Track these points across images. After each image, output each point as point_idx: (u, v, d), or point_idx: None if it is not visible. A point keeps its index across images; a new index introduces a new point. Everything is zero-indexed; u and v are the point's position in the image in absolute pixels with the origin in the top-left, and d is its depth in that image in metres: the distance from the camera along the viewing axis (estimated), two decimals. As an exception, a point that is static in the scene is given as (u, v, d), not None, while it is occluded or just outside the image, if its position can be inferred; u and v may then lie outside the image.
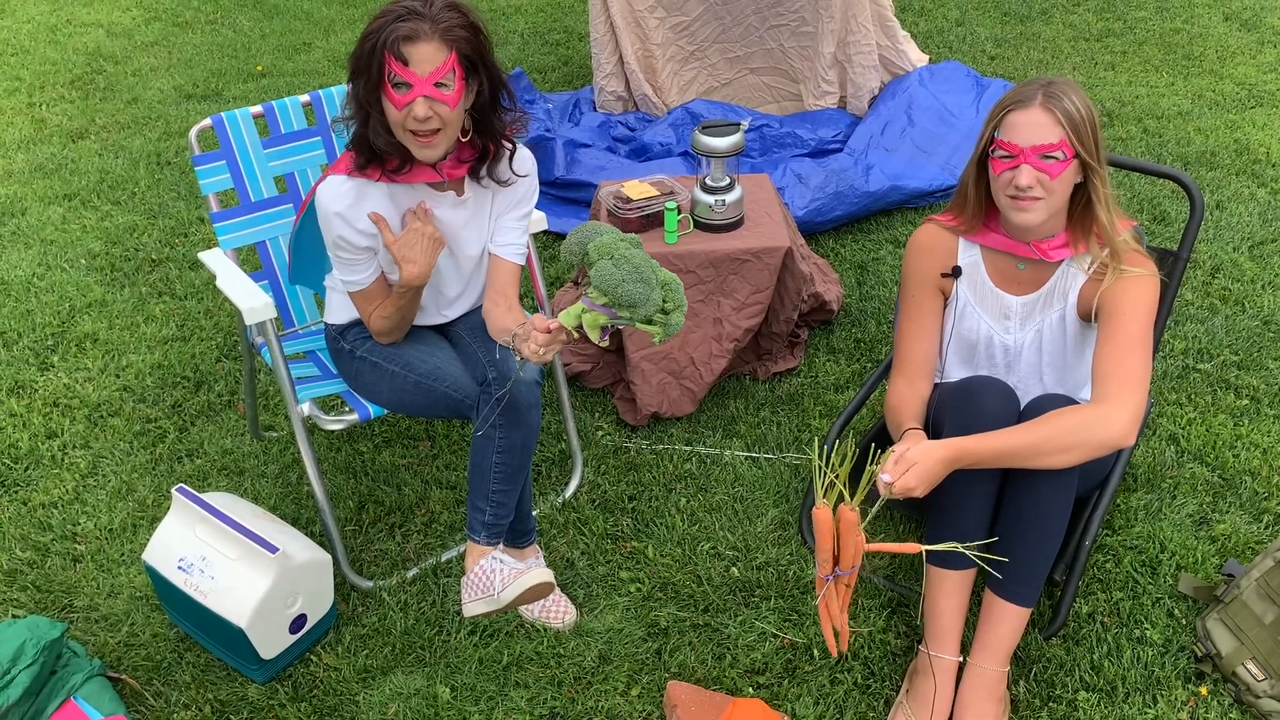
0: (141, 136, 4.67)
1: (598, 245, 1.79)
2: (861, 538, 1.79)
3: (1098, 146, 1.97)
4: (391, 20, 1.89)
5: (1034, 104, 1.95)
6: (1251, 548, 2.45)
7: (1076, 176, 2.00)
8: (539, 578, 2.11)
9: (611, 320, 1.80)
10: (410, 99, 1.90)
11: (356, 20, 6.02)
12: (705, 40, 4.36)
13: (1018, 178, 1.96)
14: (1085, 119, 1.95)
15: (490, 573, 2.15)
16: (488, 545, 2.20)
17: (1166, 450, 2.73)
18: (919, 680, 2.10)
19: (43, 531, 2.61)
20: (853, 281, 3.51)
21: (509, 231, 2.25)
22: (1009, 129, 1.97)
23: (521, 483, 2.20)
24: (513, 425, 2.11)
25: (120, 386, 3.11)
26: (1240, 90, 4.73)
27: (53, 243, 3.84)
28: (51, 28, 5.97)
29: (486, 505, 2.17)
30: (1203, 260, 3.52)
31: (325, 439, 2.90)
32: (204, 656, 2.27)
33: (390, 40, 1.87)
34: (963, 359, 2.30)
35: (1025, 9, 5.81)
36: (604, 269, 1.75)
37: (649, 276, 1.77)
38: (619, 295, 1.75)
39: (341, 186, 2.03)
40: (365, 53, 1.91)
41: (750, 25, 4.30)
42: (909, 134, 4.09)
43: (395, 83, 1.90)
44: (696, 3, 4.27)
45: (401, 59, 1.88)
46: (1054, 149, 1.94)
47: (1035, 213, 2.00)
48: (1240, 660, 2.10)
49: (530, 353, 1.88)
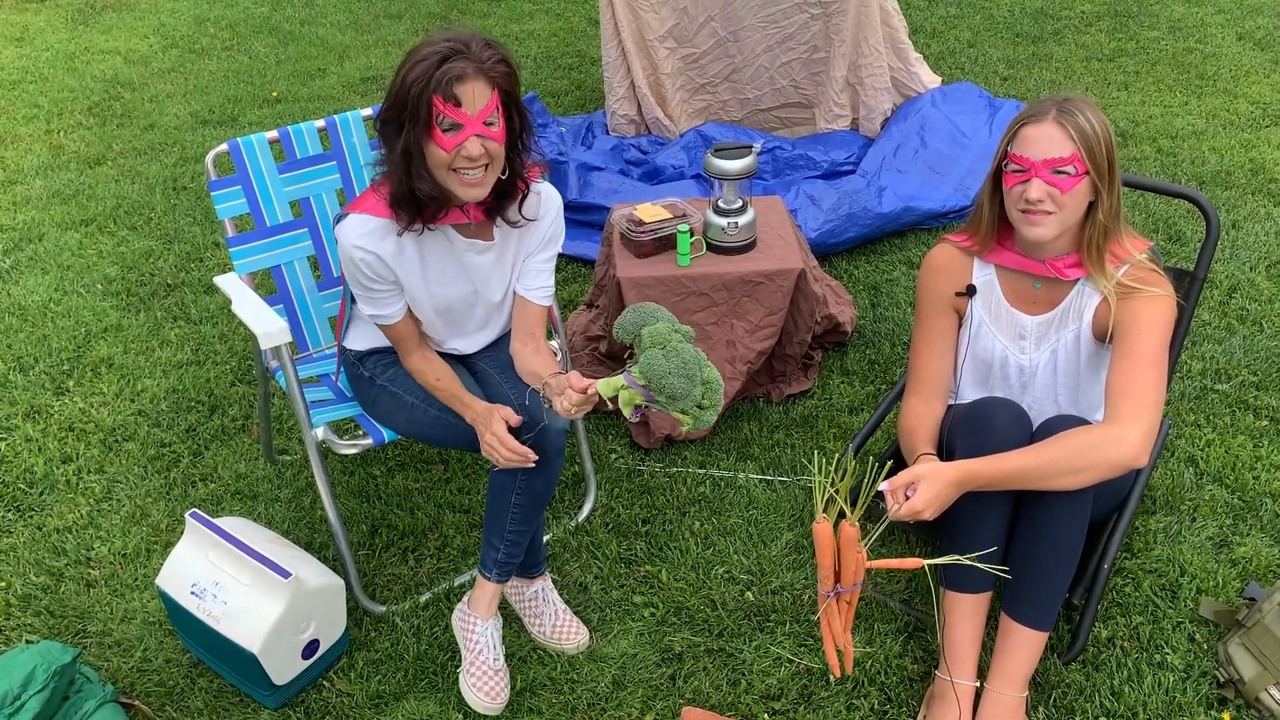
0: (158, 162, 4.71)
1: (652, 333, 1.82)
2: (863, 554, 1.78)
3: (1110, 165, 1.97)
4: (436, 63, 1.85)
5: (1047, 119, 1.95)
6: (1274, 570, 2.41)
7: (1089, 194, 1.99)
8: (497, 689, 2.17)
9: (646, 402, 1.82)
10: (461, 140, 1.88)
11: (370, 46, 6.07)
12: (715, 76, 4.37)
13: (1028, 191, 1.96)
14: (1099, 136, 1.94)
15: (482, 651, 2.20)
16: (498, 583, 2.21)
17: (1185, 472, 2.71)
18: (936, 706, 2.08)
19: (57, 556, 2.62)
20: (866, 303, 3.50)
21: (537, 275, 2.23)
22: (1022, 143, 1.97)
23: (537, 523, 2.20)
24: (537, 471, 2.09)
25: (135, 411, 3.12)
26: (1255, 109, 4.72)
27: (69, 268, 3.87)
28: (69, 55, 6.04)
29: (501, 544, 2.17)
30: (1219, 280, 3.50)
31: (339, 463, 2.90)
32: (217, 682, 2.26)
33: (442, 83, 1.85)
34: (978, 379, 2.28)
35: (1037, 30, 5.81)
36: (654, 358, 1.79)
37: (694, 374, 1.80)
38: (662, 386, 1.78)
39: (366, 224, 2.01)
40: (411, 98, 1.86)
41: (761, 66, 4.29)
42: (922, 155, 4.09)
43: (445, 126, 1.88)
44: (706, 35, 4.27)
45: (453, 100, 1.86)
46: (1065, 163, 1.93)
47: (1046, 227, 1.99)
48: (1263, 685, 2.07)
49: (562, 409, 1.89)
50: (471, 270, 2.17)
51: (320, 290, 2.55)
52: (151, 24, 6.55)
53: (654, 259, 2.88)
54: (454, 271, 2.15)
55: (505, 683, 2.19)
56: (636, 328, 1.86)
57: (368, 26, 6.43)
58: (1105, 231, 2.01)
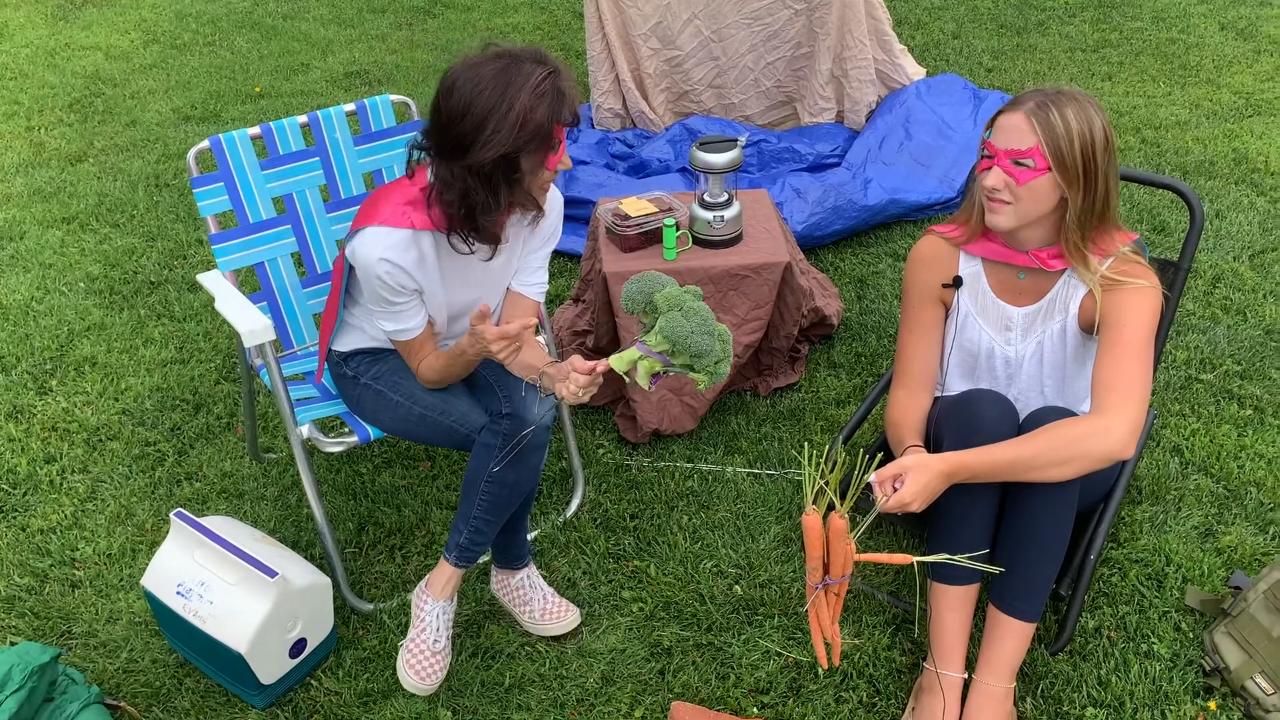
0: (140, 159, 4.68)
1: (666, 296, 1.83)
2: (851, 546, 1.78)
3: (1086, 166, 1.94)
4: (552, 95, 1.88)
5: (1020, 109, 1.95)
6: (1258, 559, 2.43)
7: (1055, 191, 1.98)
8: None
9: (665, 368, 1.82)
10: (562, 154, 1.97)
11: (353, 41, 6.04)
12: (699, 82, 4.33)
13: (986, 178, 1.98)
14: (1071, 135, 1.92)
15: (425, 630, 2.18)
16: (456, 566, 2.19)
17: (1171, 462, 2.72)
18: (925, 698, 2.08)
19: (41, 557, 2.60)
20: (852, 296, 3.50)
21: (534, 271, 2.26)
22: (994, 130, 1.99)
23: (507, 517, 2.17)
24: (510, 463, 2.08)
25: (119, 410, 3.10)
26: (1238, 99, 4.74)
27: (51, 266, 3.84)
28: (50, 51, 5.98)
29: (465, 527, 2.15)
30: (1203, 270, 3.51)
31: (325, 461, 2.89)
32: (203, 682, 2.25)
33: (562, 107, 1.90)
34: (964, 371, 2.29)
35: (1021, 21, 5.82)
36: (674, 320, 1.79)
37: (712, 328, 1.82)
38: (689, 345, 1.79)
39: (391, 237, 1.98)
40: (541, 135, 1.89)
41: (745, 67, 4.26)
42: (907, 147, 4.09)
43: (554, 145, 1.94)
44: (690, 35, 4.24)
45: (566, 121, 1.92)
46: (1024, 155, 1.93)
47: (1003, 216, 2.01)
48: (1249, 674, 2.08)
49: (569, 393, 1.87)
50: (484, 275, 2.18)
51: (304, 287, 2.54)
52: (133, 19, 6.50)
53: (640, 253, 2.87)
54: (469, 277, 2.16)
55: (441, 666, 2.17)
56: (646, 296, 1.85)
57: (351, 21, 6.39)
58: (1080, 230, 2.00)
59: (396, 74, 5.54)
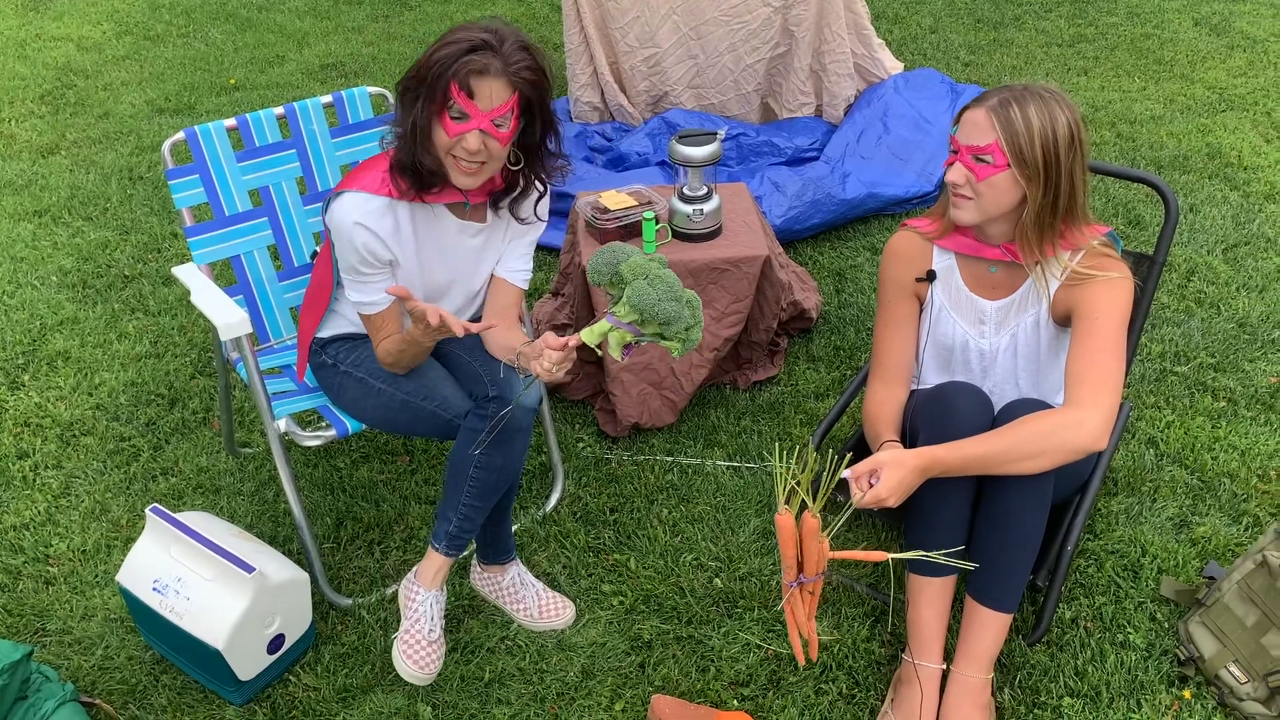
0: (113, 151, 4.63)
1: (630, 266, 1.82)
2: (825, 545, 1.78)
3: (1047, 165, 1.94)
4: (464, 50, 1.87)
5: (983, 105, 1.97)
6: (1232, 550, 2.45)
7: (1014, 188, 1.98)
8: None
9: (636, 338, 1.82)
10: (464, 130, 1.91)
11: (329, 33, 5.99)
12: (678, 82, 4.31)
13: (948, 173, 2.00)
14: (1032, 133, 1.92)
15: (420, 620, 2.18)
16: (445, 555, 2.19)
17: (1146, 454, 2.74)
18: (903, 689, 2.09)
19: (14, 554, 2.57)
20: (831, 289, 3.51)
21: (517, 258, 2.26)
22: (960, 126, 2.01)
23: (494, 503, 2.17)
24: (496, 446, 2.08)
25: (93, 405, 3.07)
26: (1211, 94, 4.78)
27: (23, 260, 3.80)
28: (20, 42, 5.91)
29: (454, 515, 2.14)
30: (1177, 263, 3.54)
31: (302, 455, 2.87)
32: (180, 679, 2.24)
33: (461, 71, 1.87)
34: (939, 364, 2.30)
35: (998, 15, 5.85)
36: (640, 289, 1.79)
37: (680, 295, 1.81)
38: (656, 313, 1.78)
39: (367, 202, 2.00)
40: (431, 76, 1.88)
41: (725, 67, 4.25)
42: (885, 141, 4.10)
43: (455, 113, 1.90)
44: (669, 31, 4.21)
45: (467, 91, 1.88)
46: (984, 151, 1.95)
47: (965, 211, 2.03)
48: (1223, 663, 2.10)
49: (543, 370, 1.88)
50: (462, 253, 2.17)
51: (281, 280, 2.52)
52: (105, 10, 6.42)
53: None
54: (445, 253, 2.15)
55: (438, 655, 2.17)
56: (611, 268, 1.85)
57: (327, 13, 6.34)
58: (1038, 227, 2.00)
59: (373, 66, 5.50)
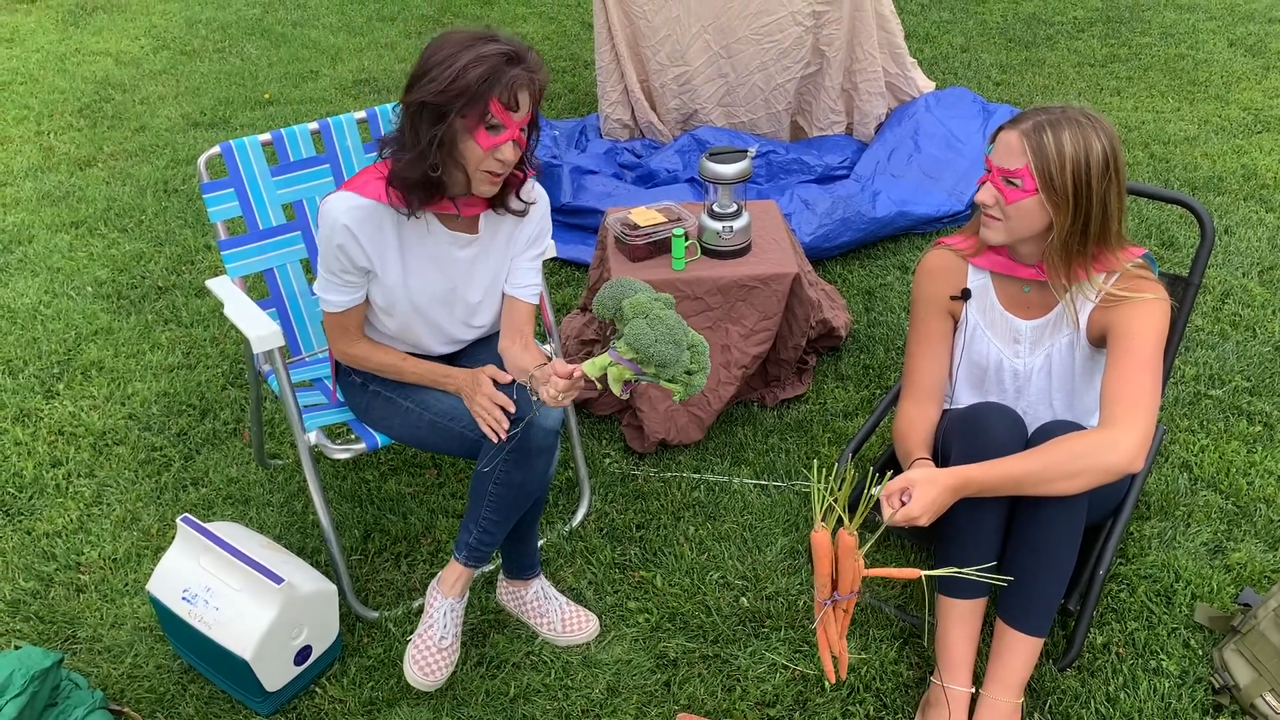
0: (149, 164, 4.69)
1: (633, 303, 1.82)
2: (860, 563, 1.77)
3: (1078, 192, 1.93)
4: (502, 64, 1.90)
5: (1017, 128, 1.96)
6: (1268, 577, 2.41)
7: (1042, 213, 1.97)
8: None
9: (636, 375, 1.81)
10: (500, 141, 1.94)
11: (363, 49, 6.05)
12: (708, 100, 4.32)
13: (981, 192, 2.00)
14: (1063, 159, 1.91)
15: (433, 626, 2.20)
16: (465, 565, 2.19)
17: (1180, 478, 2.71)
18: (932, 712, 2.07)
19: (46, 561, 2.59)
20: (860, 308, 3.50)
21: (526, 273, 2.26)
22: (994, 146, 2.00)
23: (516, 519, 2.17)
24: (516, 464, 2.07)
25: (126, 414, 3.10)
26: (1246, 115, 4.73)
27: (59, 270, 3.85)
28: (60, 56, 6.01)
29: (474, 527, 2.15)
30: (1212, 285, 3.50)
31: (331, 467, 2.89)
32: (208, 689, 2.25)
33: (506, 86, 1.90)
34: (972, 383, 2.28)
35: (1030, 35, 5.83)
36: (638, 328, 1.79)
37: (680, 339, 1.80)
38: (650, 355, 1.78)
39: (356, 202, 2.02)
40: (470, 93, 1.89)
41: (755, 86, 4.25)
42: (916, 160, 4.09)
43: (491, 125, 1.93)
44: (700, 50, 4.21)
45: (512, 105, 1.92)
46: (1014, 175, 1.94)
47: (994, 231, 2.02)
48: (1259, 692, 2.07)
49: (549, 397, 1.89)
50: (452, 265, 2.17)
51: (313, 294, 2.53)
52: (143, 25, 6.52)
53: (648, 263, 2.87)
54: (434, 265, 2.15)
55: (446, 663, 2.17)
56: (616, 302, 1.85)
57: (360, 29, 6.41)
58: (1064, 252, 1.99)
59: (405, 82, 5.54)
